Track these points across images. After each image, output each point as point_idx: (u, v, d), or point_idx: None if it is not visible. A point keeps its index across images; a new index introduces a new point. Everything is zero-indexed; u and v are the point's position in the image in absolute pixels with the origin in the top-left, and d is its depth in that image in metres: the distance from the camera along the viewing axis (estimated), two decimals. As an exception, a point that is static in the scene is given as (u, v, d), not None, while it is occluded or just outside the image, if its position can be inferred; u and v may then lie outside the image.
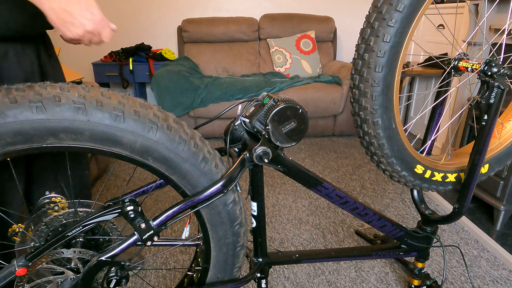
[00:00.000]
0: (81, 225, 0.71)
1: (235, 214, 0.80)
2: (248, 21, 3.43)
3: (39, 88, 0.59)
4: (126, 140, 0.64)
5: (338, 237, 1.75)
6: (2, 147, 0.58)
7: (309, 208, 2.02)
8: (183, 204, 0.73)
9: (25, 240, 0.75)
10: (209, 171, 0.74)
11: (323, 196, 0.93)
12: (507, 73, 0.86)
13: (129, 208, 0.72)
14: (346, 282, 1.46)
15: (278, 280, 1.47)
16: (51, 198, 0.74)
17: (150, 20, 3.57)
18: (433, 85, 2.92)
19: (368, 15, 0.80)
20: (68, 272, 0.74)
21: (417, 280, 1.23)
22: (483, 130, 0.90)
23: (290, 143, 0.82)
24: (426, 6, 0.76)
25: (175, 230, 1.81)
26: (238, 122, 0.86)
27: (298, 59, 3.37)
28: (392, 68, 0.79)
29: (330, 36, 3.52)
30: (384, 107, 0.83)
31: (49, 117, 0.58)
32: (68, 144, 0.62)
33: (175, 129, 0.69)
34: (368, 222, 1.02)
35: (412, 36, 0.78)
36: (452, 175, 1.02)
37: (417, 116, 1.08)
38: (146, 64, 3.36)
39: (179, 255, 1.63)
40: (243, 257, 0.88)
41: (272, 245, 1.70)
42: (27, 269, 0.69)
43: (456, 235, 1.77)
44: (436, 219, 1.10)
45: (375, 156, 0.92)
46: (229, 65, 3.45)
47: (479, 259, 1.60)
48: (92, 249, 0.76)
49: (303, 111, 0.80)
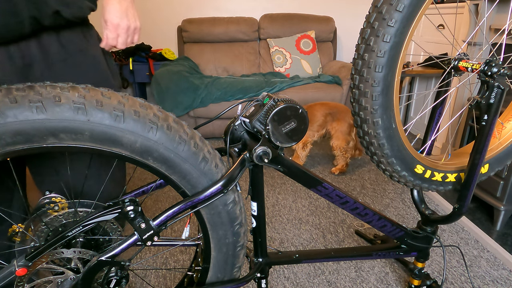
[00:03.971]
0: (81, 225, 0.71)
1: (235, 214, 0.80)
2: (248, 21, 3.43)
3: (39, 88, 0.59)
4: (126, 140, 0.64)
5: (338, 237, 1.75)
6: (2, 147, 0.58)
7: (309, 208, 2.02)
8: (183, 204, 0.73)
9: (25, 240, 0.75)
10: (209, 171, 0.74)
11: (323, 196, 0.93)
12: (507, 73, 0.86)
13: (129, 208, 0.72)
14: (346, 282, 1.46)
15: (278, 280, 1.47)
16: (51, 198, 0.74)
17: (150, 20, 3.57)
18: (433, 85, 2.92)
19: (368, 15, 0.80)
20: (68, 272, 0.74)
21: (417, 280, 1.23)
22: (483, 130, 0.90)
23: (290, 143, 0.82)
24: (426, 6, 0.76)
25: (175, 230, 1.81)
26: (238, 122, 0.86)
27: (298, 59, 3.37)
28: (392, 68, 0.79)
29: (330, 36, 3.52)
30: (384, 107, 0.83)
31: (49, 117, 0.58)
32: (68, 144, 0.62)
33: (175, 129, 0.69)
34: (368, 222, 1.02)
35: (412, 36, 0.78)
36: (452, 175, 1.02)
37: (417, 116, 1.08)
38: (146, 64, 3.36)
39: (179, 255, 1.63)
40: (243, 257, 0.88)
41: (272, 245, 1.70)
42: (27, 269, 0.69)
43: (456, 235, 1.77)
44: (436, 219, 1.10)
45: (375, 156, 0.92)
46: (229, 65, 3.45)
47: (479, 259, 1.60)
48: (92, 249, 0.76)
49: (303, 111, 0.80)
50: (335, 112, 2.35)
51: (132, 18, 0.92)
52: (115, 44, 0.93)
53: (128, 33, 0.93)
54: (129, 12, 0.91)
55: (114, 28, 0.90)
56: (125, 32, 0.92)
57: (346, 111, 2.36)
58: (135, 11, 0.93)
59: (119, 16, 0.89)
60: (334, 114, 2.35)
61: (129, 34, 0.93)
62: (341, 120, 2.34)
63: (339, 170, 2.44)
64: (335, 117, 2.35)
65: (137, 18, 0.94)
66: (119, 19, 0.89)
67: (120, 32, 0.91)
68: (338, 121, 2.34)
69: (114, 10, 0.89)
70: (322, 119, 2.33)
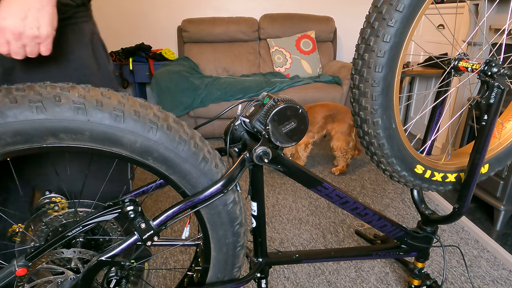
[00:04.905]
0: (81, 225, 0.71)
1: (235, 214, 0.80)
2: (248, 21, 3.43)
3: (39, 88, 0.59)
4: (126, 140, 0.64)
5: (338, 237, 1.75)
6: (2, 147, 0.58)
7: (309, 208, 2.02)
8: (183, 204, 0.73)
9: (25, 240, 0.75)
10: (209, 171, 0.74)
11: (323, 196, 0.93)
12: (507, 73, 0.86)
13: (129, 208, 0.72)
14: (346, 282, 1.46)
15: (278, 280, 1.47)
16: (51, 198, 0.74)
17: (150, 20, 3.57)
18: (433, 85, 2.92)
19: (368, 15, 0.80)
20: (68, 272, 0.74)
21: (417, 280, 1.23)
22: (483, 130, 0.90)
23: (290, 143, 0.82)
24: (426, 6, 0.76)
25: (175, 230, 1.81)
26: (238, 122, 0.86)
27: (298, 59, 3.37)
28: (392, 68, 0.79)
29: (330, 36, 3.52)
30: (384, 107, 0.83)
31: (49, 117, 0.58)
32: (68, 144, 0.62)
33: (175, 129, 0.69)
34: (368, 222, 1.02)
35: (412, 36, 0.78)
36: (452, 175, 1.02)
37: (417, 116, 1.08)
38: (146, 64, 3.36)
39: (179, 255, 1.63)
40: (243, 257, 0.88)
41: (272, 245, 1.70)
42: (27, 269, 0.69)
43: (456, 235, 1.77)
44: (436, 219, 1.10)
45: (375, 156, 0.92)
46: (229, 65, 3.45)
47: (479, 259, 1.60)
48: (92, 249, 0.76)
49: (303, 111, 0.80)
50: (335, 113, 2.35)
51: (32, 22, 0.70)
52: (6, 52, 0.72)
53: (23, 41, 0.71)
54: (31, 14, 0.70)
55: (0, 31, 0.70)
56: (15, 39, 0.70)
57: (346, 111, 2.36)
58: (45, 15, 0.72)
59: (9, 17, 0.69)
60: (334, 115, 2.35)
61: (25, 42, 0.72)
62: (341, 121, 2.34)
63: (339, 170, 2.44)
64: (335, 118, 2.35)
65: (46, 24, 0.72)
66: (8, 20, 0.69)
67: (9, 38, 0.70)
68: (339, 122, 2.35)
69: (6, 8, 0.69)
70: (322, 121, 2.34)
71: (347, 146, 2.36)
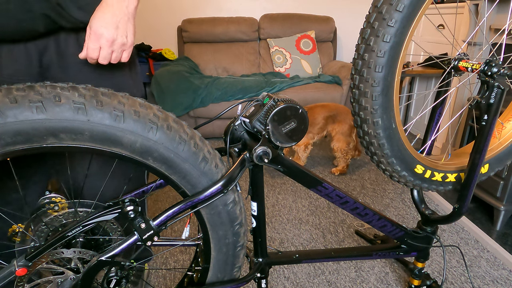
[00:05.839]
0: (81, 225, 0.71)
1: (235, 214, 0.80)
2: (248, 21, 3.43)
3: (39, 88, 0.59)
4: (126, 140, 0.64)
5: (338, 237, 1.75)
6: (2, 147, 0.58)
7: (309, 208, 2.02)
8: (183, 204, 0.73)
9: (25, 240, 0.75)
10: (209, 171, 0.74)
11: (323, 196, 0.93)
12: (507, 73, 0.86)
13: (129, 208, 0.72)
14: (346, 282, 1.46)
15: (278, 280, 1.47)
16: (51, 198, 0.74)
17: (150, 20, 3.57)
18: (433, 85, 2.92)
19: (368, 15, 0.80)
20: (68, 272, 0.74)
21: (417, 280, 1.23)
22: (483, 130, 0.90)
23: (290, 143, 0.82)
24: (426, 6, 0.76)
25: (175, 230, 1.81)
26: (238, 122, 0.86)
27: (298, 59, 3.37)
28: (392, 68, 0.79)
29: (330, 36, 3.52)
30: (384, 107, 0.83)
31: (49, 117, 0.58)
32: (68, 144, 0.62)
33: (175, 129, 0.69)
34: (368, 222, 1.02)
35: (412, 36, 0.78)
36: (452, 175, 1.02)
37: (417, 116, 1.08)
38: (146, 64, 3.36)
39: (179, 255, 1.63)
40: (243, 257, 0.88)
41: (272, 245, 1.70)
42: (27, 269, 0.69)
43: (456, 235, 1.77)
44: (436, 219, 1.10)
45: (375, 156, 0.92)
46: (229, 65, 3.45)
47: (479, 259, 1.60)
48: (92, 249, 0.76)
49: (303, 111, 0.80)
50: (335, 114, 2.35)
51: (122, 31, 0.82)
52: (96, 57, 0.83)
53: (113, 48, 0.83)
54: (121, 25, 0.82)
55: (96, 38, 0.81)
56: (108, 45, 0.82)
57: (347, 112, 2.36)
58: (131, 26, 0.84)
59: (105, 26, 0.80)
60: (334, 116, 2.35)
61: (114, 48, 0.83)
62: (342, 122, 2.34)
63: (339, 171, 2.44)
64: (336, 119, 2.35)
65: (132, 34, 0.85)
66: (105, 29, 0.80)
67: (103, 44, 0.81)
68: (339, 123, 2.35)
69: (102, 18, 0.80)
70: (322, 122, 2.34)
71: (348, 147, 2.36)
